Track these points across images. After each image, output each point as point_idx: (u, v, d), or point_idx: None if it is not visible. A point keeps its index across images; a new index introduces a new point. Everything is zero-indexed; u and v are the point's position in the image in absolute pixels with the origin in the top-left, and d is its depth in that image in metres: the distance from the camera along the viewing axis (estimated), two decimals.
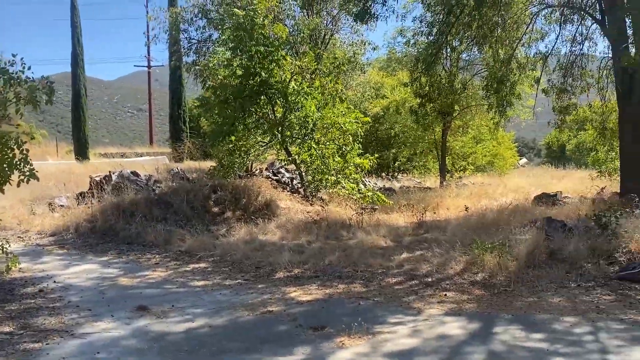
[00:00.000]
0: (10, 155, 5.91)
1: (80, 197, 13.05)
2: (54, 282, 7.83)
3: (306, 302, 6.70)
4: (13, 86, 5.90)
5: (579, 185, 16.46)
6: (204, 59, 18.87)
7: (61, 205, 13.05)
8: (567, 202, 12.63)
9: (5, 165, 5.83)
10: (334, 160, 13.95)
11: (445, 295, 6.86)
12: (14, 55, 5.93)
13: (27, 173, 5.86)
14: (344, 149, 13.93)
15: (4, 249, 6.30)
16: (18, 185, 5.93)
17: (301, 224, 11.68)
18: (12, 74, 5.82)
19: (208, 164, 16.66)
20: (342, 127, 13.80)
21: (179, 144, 25.45)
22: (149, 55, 42.87)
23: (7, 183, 5.87)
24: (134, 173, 13.78)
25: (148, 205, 11.96)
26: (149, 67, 43.74)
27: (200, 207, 12.41)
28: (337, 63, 15.08)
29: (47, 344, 5.20)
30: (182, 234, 10.79)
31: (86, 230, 11.36)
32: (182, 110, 29.00)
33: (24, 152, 5.97)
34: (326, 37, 20.29)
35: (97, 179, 13.45)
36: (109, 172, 13.83)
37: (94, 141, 41.41)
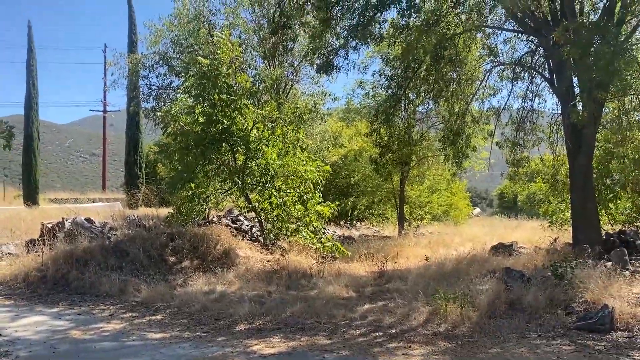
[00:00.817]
0: None
1: (30, 245, 12.45)
2: (0, 335, 7.37)
3: (269, 356, 6.53)
4: None
5: (532, 235, 16.95)
6: (164, 105, 18.81)
7: (9, 253, 12.40)
8: (523, 252, 12.95)
9: None
10: (294, 208, 13.93)
11: (410, 347, 6.82)
12: None
13: None
14: (304, 197, 13.94)
15: None
16: None
17: (261, 273, 11.50)
18: None
19: (165, 211, 16.31)
20: (303, 175, 13.86)
21: (134, 189, 24.96)
22: (105, 99, 42.51)
23: None
24: (89, 220, 13.32)
25: (103, 253, 11.52)
26: (104, 111, 43.19)
27: (157, 255, 12.04)
28: (299, 112, 15.30)
29: None
30: (138, 283, 10.42)
31: (36, 279, 10.79)
32: (138, 156, 28.62)
33: None
34: (287, 87, 20.66)
35: (49, 225, 12.92)
36: (62, 218, 13.31)
37: (44, 186, 39.99)
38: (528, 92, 14.95)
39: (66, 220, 13.09)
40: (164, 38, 19.30)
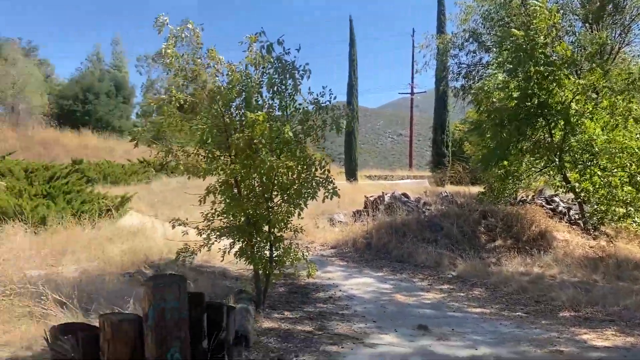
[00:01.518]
0: (313, 173, 6.70)
1: (356, 215, 14.07)
2: (339, 290, 8.54)
3: (603, 348, 5.92)
4: (321, 114, 6.70)
5: None
6: (473, 83, 18.72)
7: (340, 221, 14.26)
8: None
9: (313, 183, 6.63)
10: (623, 190, 12.25)
11: None
12: (324, 88, 6.74)
13: (331, 191, 6.54)
14: (637, 178, 12.12)
15: (305, 257, 7.13)
16: (323, 201, 6.65)
17: (582, 259, 10.54)
18: (321, 103, 6.63)
19: (474, 189, 16.34)
20: (636, 152, 12.04)
21: (441, 167, 25.70)
22: (412, 82, 44.81)
23: (313, 199, 6.67)
24: (405, 195, 14.30)
25: (418, 226, 12.25)
26: (412, 94, 45.57)
27: (469, 232, 12.19)
28: (632, 79, 13.21)
29: (342, 348, 5.62)
30: (453, 257, 10.74)
31: (362, 246, 12.15)
32: (445, 135, 29.24)
33: (327, 172, 6.69)
34: (613, 51, 18.13)
35: (371, 198, 14.34)
36: (382, 192, 14.62)
37: (359, 164, 44.53)
38: None
39: (385, 194, 14.32)
40: (473, 14, 19.05)
